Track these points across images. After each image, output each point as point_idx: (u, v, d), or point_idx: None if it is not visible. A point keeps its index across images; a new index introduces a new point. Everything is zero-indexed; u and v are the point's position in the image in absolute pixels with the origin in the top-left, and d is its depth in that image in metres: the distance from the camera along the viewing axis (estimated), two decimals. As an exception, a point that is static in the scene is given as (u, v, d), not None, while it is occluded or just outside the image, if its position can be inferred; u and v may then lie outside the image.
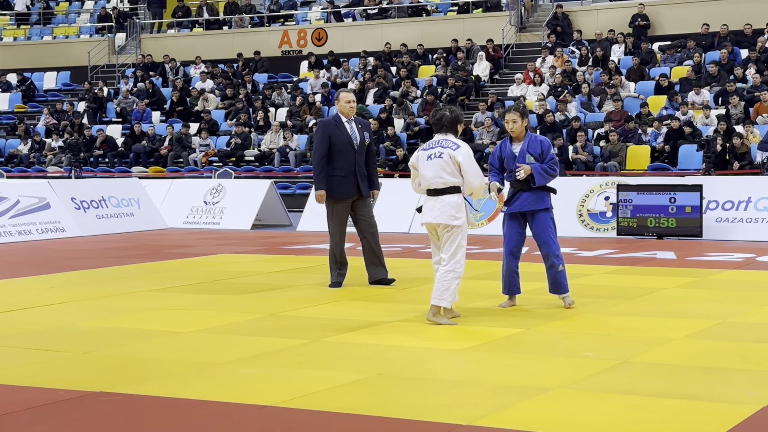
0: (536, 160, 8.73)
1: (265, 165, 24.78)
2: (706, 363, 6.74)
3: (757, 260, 12.68)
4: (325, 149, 10.30)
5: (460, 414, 5.47)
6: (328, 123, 10.47)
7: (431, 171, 8.25)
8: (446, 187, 8.23)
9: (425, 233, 8.98)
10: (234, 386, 6.16)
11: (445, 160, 8.20)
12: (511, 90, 25.76)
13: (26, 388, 6.16)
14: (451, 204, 8.22)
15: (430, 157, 8.28)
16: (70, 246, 15.47)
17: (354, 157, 10.33)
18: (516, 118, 8.78)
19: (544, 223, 8.78)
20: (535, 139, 8.83)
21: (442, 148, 8.24)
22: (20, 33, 36.45)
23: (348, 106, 10.40)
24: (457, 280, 8.22)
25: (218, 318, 8.61)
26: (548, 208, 8.82)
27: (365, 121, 10.75)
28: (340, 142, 10.30)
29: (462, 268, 8.27)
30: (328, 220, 10.46)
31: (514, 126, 8.80)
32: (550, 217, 8.84)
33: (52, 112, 29.54)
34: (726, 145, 19.63)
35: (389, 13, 31.06)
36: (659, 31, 27.17)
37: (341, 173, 10.29)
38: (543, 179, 8.72)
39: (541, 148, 8.76)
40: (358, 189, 10.37)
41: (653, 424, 5.28)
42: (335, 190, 10.30)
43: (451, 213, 8.20)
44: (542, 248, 8.83)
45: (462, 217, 8.23)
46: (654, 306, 9.11)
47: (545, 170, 8.70)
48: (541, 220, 8.79)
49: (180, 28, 34.46)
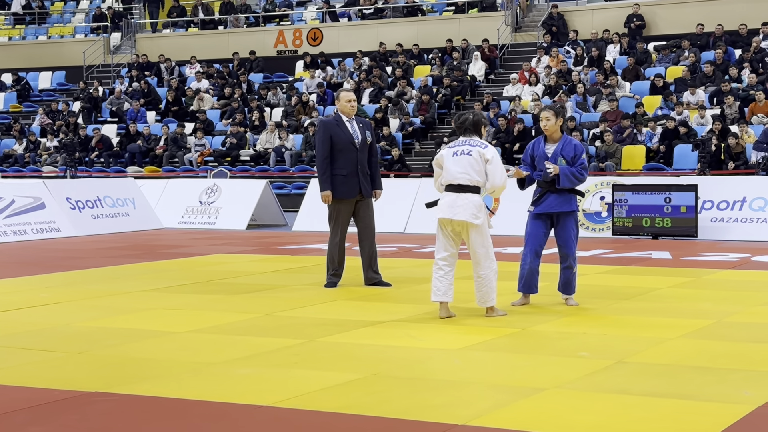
0: (567, 163, 8.79)
1: (261, 165, 24.77)
2: (701, 363, 6.75)
3: (752, 260, 12.70)
4: (328, 149, 10.24)
5: (456, 414, 5.47)
6: (328, 123, 10.41)
7: (459, 167, 8.29)
8: (471, 185, 8.28)
9: (421, 233, 8.98)
10: (229, 386, 6.16)
11: (474, 157, 8.26)
12: (507, 90, 25.77)
13: (21, 388, 6.15)
14: (473, 203, 8.27)
15: (457, 153, 8.34)
16: (65, 246, 15.46)
17: (356, 157, 10.28)
18: (549, 116, 8.83)
19: (569, 226, 8.88)
20: (569, 142, 8.88)
21: (470, 146, 8.31)
22: (15, 33, 36.40)
23: (348, 106, 10.34)
24: (495, 276, 8.40)
25: (214, 318, 8.60)
26: (574, 211, 8.92)
27: (366, 121, 10.71)
28: (341, 142, 10.25)
29: (495, 263, 8.44)
30: (330, 219, 10.42)
31: (547, 124, 8.84)
32: (575, 220, 8.95)
33: (47, 112, 29.51)
34: (721, 145, 19.66)
35: (384, 12, 31.06)
36: (654, 31, 27.19)
37: (343, 173, 10.24)
38: (569, 182, 8.78)
39: (575, 152, 8.83)
40: (361, 189, 10.34)
41: (648, 423, 5.28)
42: (338, 189, 10.25)
43: (473, 212, 8.26)
44: (562, 249, 8.91)
45: (482, 216, 8.30)
46: (649, 306, 9.12)
47: (573, 174, 8.76)
48: (566, 222, 8.88)
49: (175, 28, 34.43)
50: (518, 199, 17.27)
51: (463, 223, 8.28)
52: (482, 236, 8.32)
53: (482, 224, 8.29)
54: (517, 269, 9.10)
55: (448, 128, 24.54)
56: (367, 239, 10.41)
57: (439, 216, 8.43)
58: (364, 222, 10.43)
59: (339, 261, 10.42)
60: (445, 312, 8.46)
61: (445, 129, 24.86)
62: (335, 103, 10.65)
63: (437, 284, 8.40)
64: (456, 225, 8.34)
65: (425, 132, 25.34)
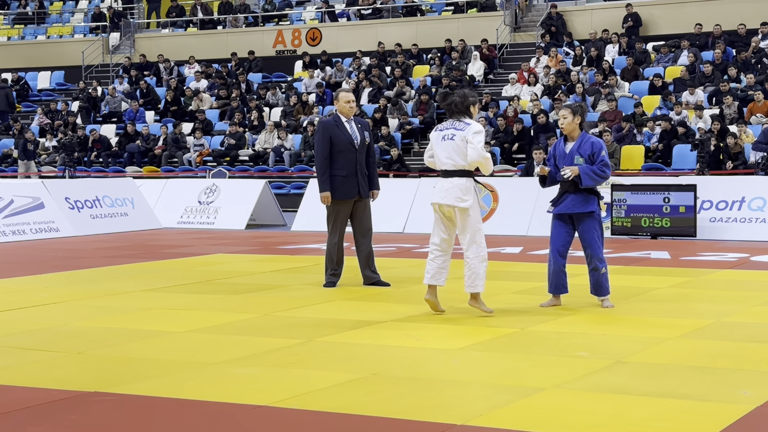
0: (586, 161, 8.75)
1: (260, 165, 24.77)
2: (700, 363, 6.75)
3: (750, 260, 12.70)
4: (327, 150, 10.23)
5: (455, 413, 5.47)
6: (327, 123, 10.38)
7: (444, 152, 8.38)
8: (456, 169, 8.32)
9: (420, 233, 9.00)
10: (228, 386, 6.16)
11: (456, 142, 8.33)
12: (506, 90, 25.77)
13: (20, 388, 6.14)
14: (458, 186, 8.32)
15: (444, 138, 8.41)
16: (64, 246, 15.45)
17: (355, 157, 10.27)
18: (566, 114, 8.82)
19: (590, 226, 8.83)
20: (587, 140, 8.83)
21: (455, 130, 8.37)
22: (14, 32, 36.39)
23: (348, 106, 10.32)
24: (484, 263, 8.35)
25: (212, 318, 8.60)
26: (594, 211, 8.84)
27: (365, 121, 10.70)
28: (341, 142, 10.23)
29: (485, 250, 8.38)
30: (329, 220, 10.41)
31: (564, 122, 8.85)
32: (597, 220, 8.87)
33: (45, 112, 29.50)
34: (720, 144, 19.66)
35: (383, 13, 31.06)
36: (652, 31, 27.20)
37: (343, 173, 10.23)
38: (590, 181, 8.72)
39: (592, 149, 8.77)
40: (359, 189, 10.32)
41: (647, 423, 5.28)
42: (337, 190, 10.24)
43: (457, 195, 8.29)
44: (586, 250, 8.87)
45: (469, 199, 8.30)
46: (648, 306, 9.12)
47: (594, 172, 8.70)
48: (587, 223, 8.82)
49: (174, 28, 34.42)
50: (518, 199, 17.34)
51: (451, 206, 8.32)
52: (469, 220, 8.32)
53: (470, 207, 8.29)
54: (515, 269, 9.10)
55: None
56: (364, 239, 10.42)
57: (432, 201, 8.55)
58: (361, 222, 10.43)
59: (338, 260, 10.42)
60: (431, 296, 8.47)
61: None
62: (334, 104, 10.64)
63: (427, 267, 8.55)
64: (445, 209, 8.41)
65: (424, 132, 25.35)
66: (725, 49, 24.27)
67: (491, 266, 11.83)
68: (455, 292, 9.15)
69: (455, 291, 9.17)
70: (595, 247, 8.79)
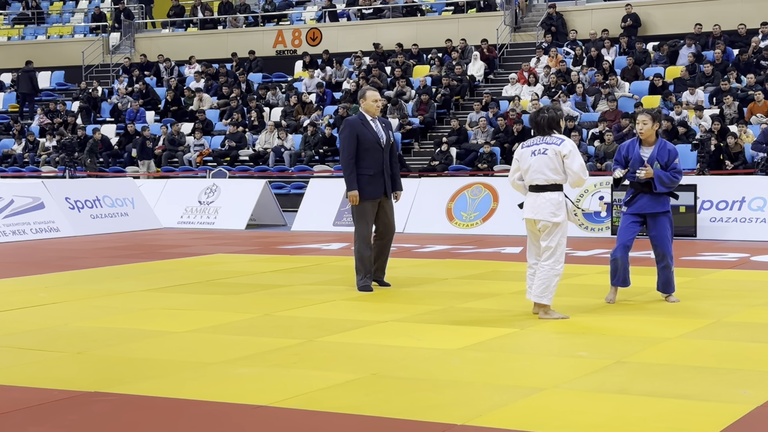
0: (661, 167, 8.92)
1: (260, 165, 24.77)
2: (700, 363, 6.75)
3: (751, 260, 12.70)
4: (354, 148, 10.04)
5: (455, 413, 5.47)
6: (354, 122, 10.17)
7: (535, 167, 8.30)
8: (548, 183, 8.28)
9: (420, 233, 8.98)
10: (228, 386, 6.16)
11: (549, 156, 8.26)
12: (506, 90, 25.77)
13: (20, 388, 6.15)
14: (551, 201, 8.27)
15: (534, 153, 8.34)
16: (64, 246, 15.45)
17: (382, 156, 10.11)
18: (647, 120, 8.96)
19: (663, 225, 9.06)
20: (664, 147, 9.00)
21: (546, 145, 8.31)
22: (14, 32, 36.38)
23: (375, 105, 10.15)
24: (557, 278, 8.32)
25: (212, 318, 8.60)
26: (668, 211, 9.07)
27: (387, 120, 10.56)
28: (367, 141, 10.06)
29: (562, 267, 8.36)
30: (359, 219, 10.16)
31: (643, 128, 8.96)
32: (669, 220, 9.11)
33: (46, 112, 29.49)
34: (720, 144, 19.66)
35: (384, 12, 31.06)
36: (652, 31, 27.20)
37: (370, 172, 10.06)
38: (663, 186, 8.95)
39: (668, 156, 8.96)
40: (385, 189, 10.16)
41: (647, 423, 5.28)
42: (364, 189, 10.05)
43: (551, 210, 8.25)
44: (658, 249, 9.09)
45: (561, 214, 8.28)
46: (648, 306, 9.12)
47: (669, 177, 8.92)
48: (660, 223, 9.05)
49: (174, 28, 34.42)
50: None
51: (546, 222, 8.28)
52: (555, 234, 8.27)
53: (561, 222, 8.28)
54: (515, 269, 9.11)
55: (447, 128, 24.55)
56: (387, 238, 10.28)
57: (523, 216, 8.51)
58: (385, 222, 10.27)
59: (371, 261, 10.21)
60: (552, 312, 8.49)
61: (444, 129, 24.86)
62: (359, 102, 10.40)
63: (528, 282, 8.51)
64: (539, 225, 8.34)
65: (424, 132, 25.35)
66: (725, 49, 24.27)
67: (491, 266, 11.85)
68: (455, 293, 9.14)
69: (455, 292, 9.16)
70: (667, 245, 9.06)
